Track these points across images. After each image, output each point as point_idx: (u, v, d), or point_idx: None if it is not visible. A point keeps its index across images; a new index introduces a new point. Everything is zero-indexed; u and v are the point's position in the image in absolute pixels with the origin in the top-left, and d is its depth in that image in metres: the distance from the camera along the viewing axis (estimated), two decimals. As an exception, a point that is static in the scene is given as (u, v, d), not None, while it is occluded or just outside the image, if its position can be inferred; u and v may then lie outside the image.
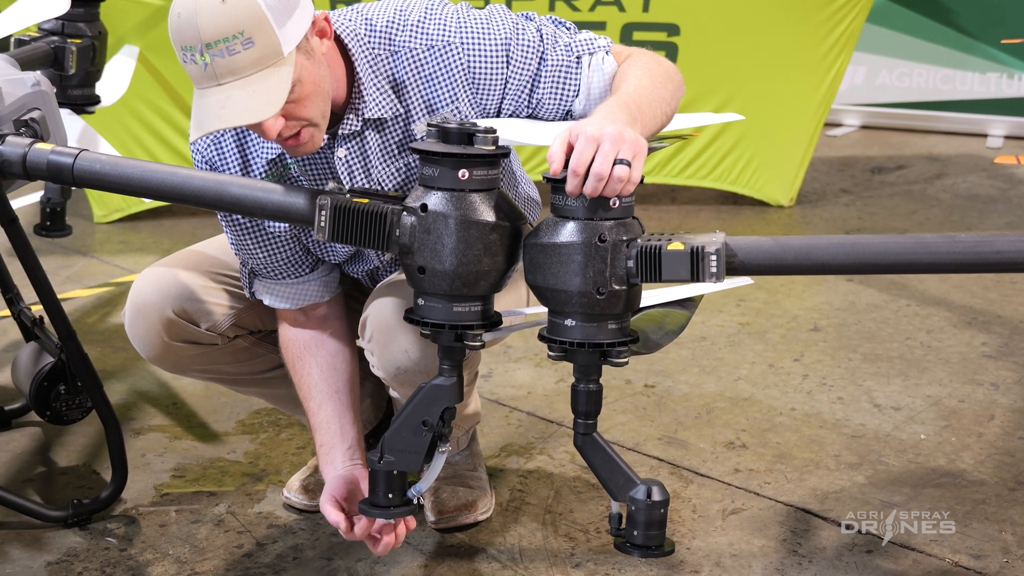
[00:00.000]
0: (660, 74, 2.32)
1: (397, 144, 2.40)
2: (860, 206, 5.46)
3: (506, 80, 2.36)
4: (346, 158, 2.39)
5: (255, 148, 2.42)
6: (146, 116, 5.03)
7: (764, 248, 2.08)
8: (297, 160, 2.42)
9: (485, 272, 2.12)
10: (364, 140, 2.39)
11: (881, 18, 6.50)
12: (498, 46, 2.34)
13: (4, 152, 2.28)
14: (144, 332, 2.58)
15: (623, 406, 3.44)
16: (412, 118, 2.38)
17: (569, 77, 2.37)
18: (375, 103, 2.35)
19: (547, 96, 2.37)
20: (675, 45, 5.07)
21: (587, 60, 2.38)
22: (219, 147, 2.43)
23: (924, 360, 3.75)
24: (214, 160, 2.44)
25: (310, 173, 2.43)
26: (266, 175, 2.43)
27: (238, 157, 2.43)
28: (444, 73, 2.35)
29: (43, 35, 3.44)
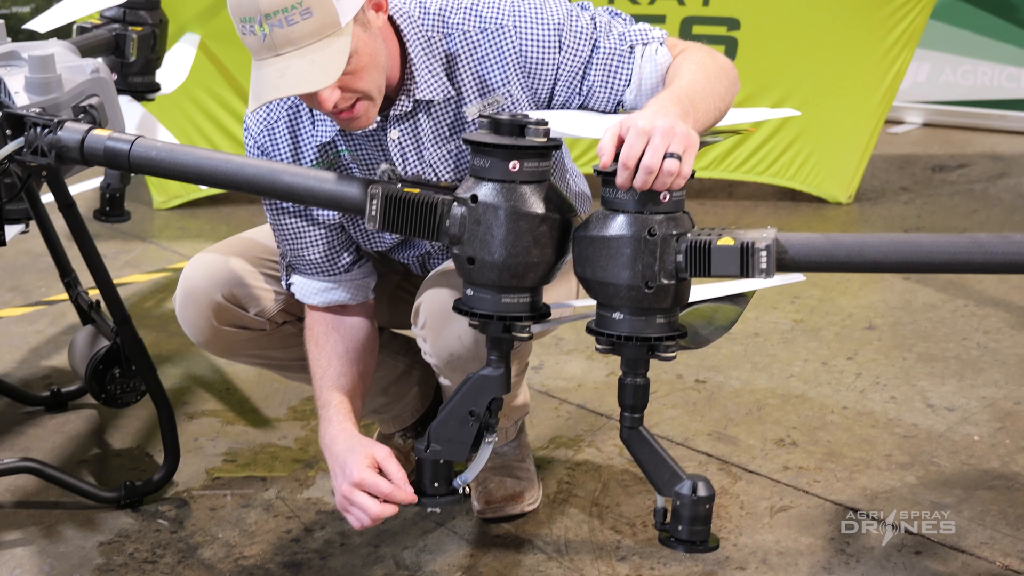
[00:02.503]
0: (715, 69, 2.32)
1: (448, 126, 2.41)
2: (920, 205, 5.41)
3: (558, 66, 2.36)
4: (399, 140, 2.40)
5: (307, 134, 2.43)
6: (206, 104, 5.07)
7: (815, 245, 2.07)
8: (349, 146, 2.43)
9: (534, 264, 2.13)
10: (416, 122, 2.40)
11: (946, 15, 6.43)
12: (551, 31, 2.34)
13: (62, 137, 2.31)
14: (194, 316, 2.60)
15: (673, 401, 3.43)
16: (464, 101, 2.39)
17: (621, 66, 2.37)
18: (427, 84, 2.35)
19: (598, 84, 2.37)
20: (735, 40, 5.04)
21: (640, 50, 2.37)
22: (271, 133, 2.45)
23: (980, 361, 3.71)
24: (266, 145, 2.46)
25: (362, 157, 2.44)
26: (317, 160, 2.44)
27: (289, 142, 2.44)
28: (496, 56, 2.36)
29: (105, 23, 3.48)
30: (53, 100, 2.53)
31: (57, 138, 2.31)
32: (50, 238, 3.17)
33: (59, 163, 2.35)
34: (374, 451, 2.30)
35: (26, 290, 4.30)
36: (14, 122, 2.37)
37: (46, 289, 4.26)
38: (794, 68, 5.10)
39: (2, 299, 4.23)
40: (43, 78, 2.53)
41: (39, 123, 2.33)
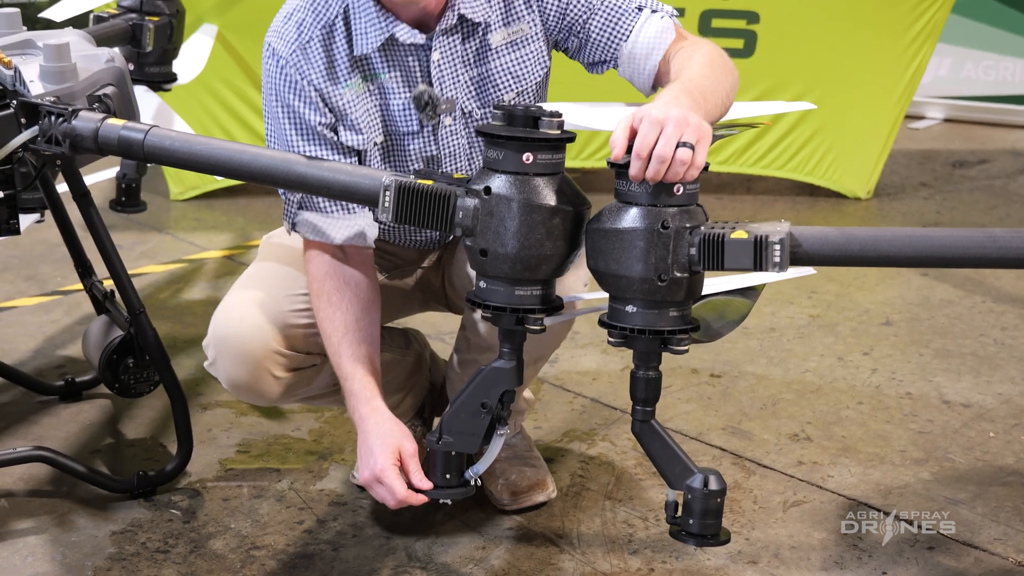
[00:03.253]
0: (722, 65, 2.34)
1: (475, 52, 2.45)
2: (939, 200, 5.39)
3: (568, 2, 2.44)
4: (439, 61, 2.42)
5: (342, 50, 2.41)
6: (223, 94, 5.07)
7: (829, 239, 2.05)
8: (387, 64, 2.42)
9: (547, 256, 2.12)
10: (454, 45, 2.43)
11: (967, 10, 6.40)
12: None
13: (77, 127, 2.31)
14: (247, 373, 2.50)
15: (688, 395, 3.42)
16: (490, 29, 2.44)
17: (624, 19, 2.43)
18: (470, 3, 2.40)
19: (597, 29, 2.44)
20: (754, 33, 5.02)
21: (647, 13, 2.43)
22: (305, 52, 2.41)
23: (997, 357, 3.69)
24: (299, 63, 2.40)
25: (399, 76, 2.44)
26: (350, 79, 2.41)
27: (324, 60, 2.40)
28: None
29: (122, 12, 3.49)
30: (68, 89, 2.53)
31: (71, 127, 2.31)
32: (66, 228, 3.18)
33: (73, 152, 2.34)
34: (402, 446, 2.30)
35: (42, 280, 4.31)
36: (29, 111, 2.37)
37: (62, 279, 4.27)
38: (813, 62, 5.08)
39: (18, 288, 4.24)
40: (58, 67, 2.53)
41: (54, 112, 2.33)
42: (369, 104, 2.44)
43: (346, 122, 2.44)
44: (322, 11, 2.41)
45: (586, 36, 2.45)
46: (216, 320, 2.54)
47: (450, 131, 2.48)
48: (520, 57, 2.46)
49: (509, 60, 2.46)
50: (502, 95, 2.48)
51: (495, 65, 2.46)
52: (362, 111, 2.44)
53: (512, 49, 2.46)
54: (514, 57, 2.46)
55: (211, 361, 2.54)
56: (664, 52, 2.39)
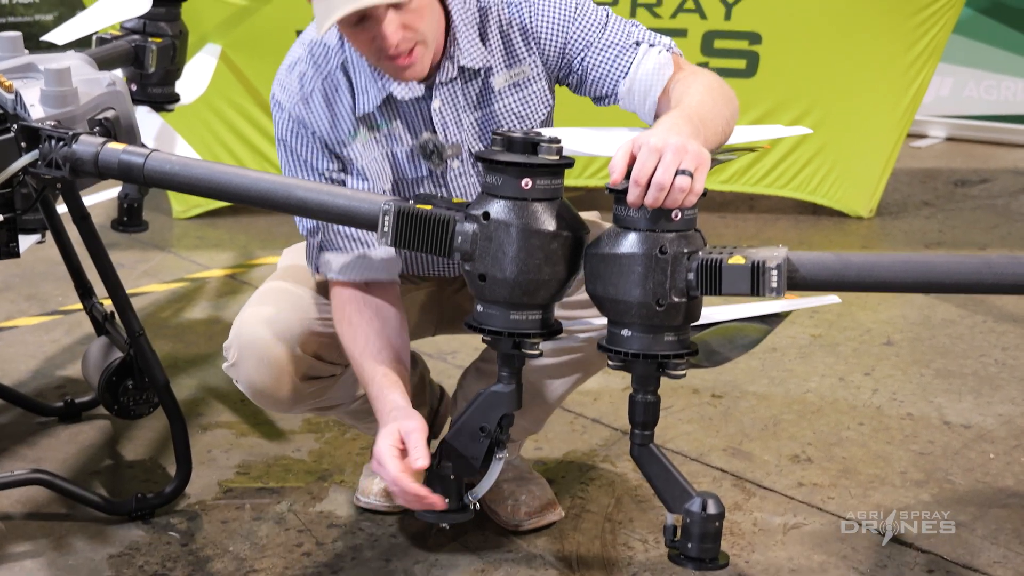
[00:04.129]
0: (721, 93, 2.34)
1: (477, 96, 2.45)
2: (941, 219, 5.39)
3: (565, 43, 2.43)
4: (440, 109, 2.43)
5: (344, 105, 2.43)
6: (227, 114, 5.09)
7: (826, 264, 2.06)
8: (388, 119, 2.43)
9: (545, 281, 2.13)
10: (454, 90, 2.43)
11: (969, 30, 6.40)
12: (566, 12, 2.43)
13: (77, 151, 2.31)
14: (269, 376, 2.50)
15: (689, 415, 3.42)
16: (492, 72, 2.45)
17: (622, 56, 2.42)
18: (469, 52, 2.41)
19: (594, 66, 2.43)
20: (756, 54, 5.03)
21: (644, 48, 2.42)
22: (307, 104, 2.43)
23: (998, 378, 3.69)
24: (303, 116, 2.43)
25: (402, 127, 2.45)
26: (354, 131, 2.43)
27: (327, 113, 2.43)
28: (519, 29, 2.44)
29: (124, 33, 3.49)
30: (69, 113, 2.54)
31: (72, 151, 2.32)
32: (66, 249, 3.19)
33: (73, 176, 2.35)
34: (401, 424, 2.25)
35: (43, 299, 4.32)
36: (29, 135, 2.38)
37: (63, 298, 4.27)
38: (816, 82, 5.08)
39: (19, 308, 4.25)
40: (59, 91, 2.54)
41: (54, 136, 2.34)
42: (376, 152, 2.45)
43: (353, 170, 2.46)
44: (322, 64, 2.43)
45: (584, 73, 2.45)
46: (241, 323, 2.53)
47: (458, 173, 2.50)
48: (523, 98, 2.47)
49: (512, 101, 2.47)
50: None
51: (499, 107, 2.47)
52: (369, 159, 2.45)
53: (515, 91, 2.46)
54: (517, 98, 2.47)
55: (232, 363, 2.53)
56: (663, 87, 2.39)
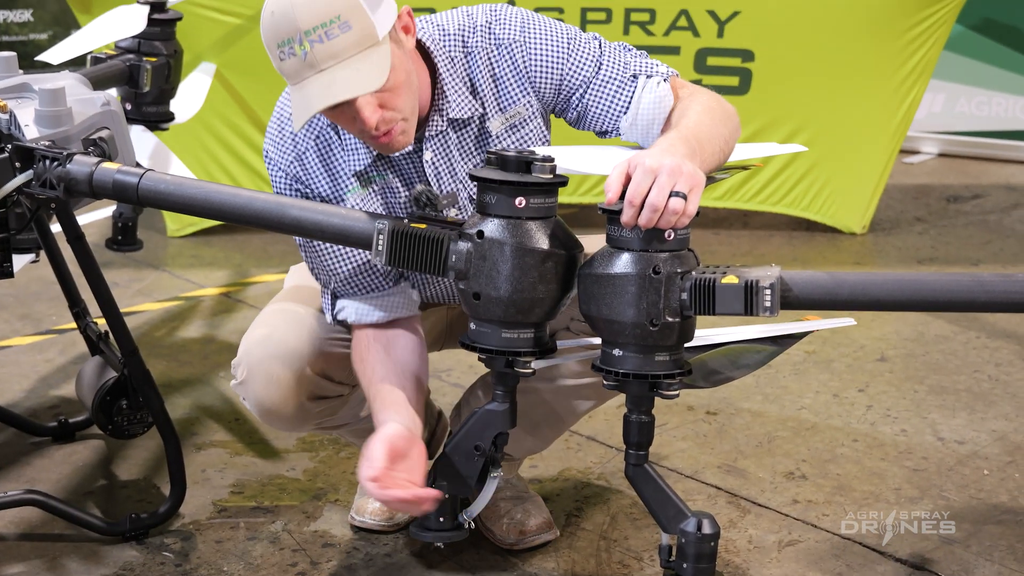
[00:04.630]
0: (720, 112, 2.33)
1: (474, 142, 2.44)
2: (934, 235, 5.40)
3: (560, 80, 2.41)
4: (432, 160, 2.42)
5: (340, 161, 2.43)
6: (222, 133, 5.09)
7: (819, 283, 2.07)
8: (383, 172, 2.43)
9: (539, 300, 2.13)
10: (447, 141, 2.42)
11: (960, 46, 6.43)
12: (556, 47, 2.40)
13: (71, 171, 2.32)
14: (278, 396, 2.49)
15: (684, 433, 3.42)
16: (487, 117, 2.43)
17: (621, 91, 2.40)
18: (457, 104, 2.39)
19: (594, 104, 2.41)
20: (749, 71, 5.05)
21: (642, 80, 2.40)
22: (303, 163, 2.43)
23: (991, 394, 3.69)
24: (299, 175, 2.44)
25: (397, 180, 2.44)
26: (350, 186, 2.43)
27: (323, 171, 2.43)
28: (511, 71, 2.41)
29: (119, 53, 3.50)
30: (63, 133, 2.54)
31: (66, 171, 2.32)
32: (60, 269, 3.19)
33: (68, 196, 2.35)
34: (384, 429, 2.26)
35: (37, 318, 4.32)
36: (24, 155, 2.38)
37: (57, 317, 4.27)
38: (809, 99, 5.10)
39: (13, 327, 4.25)
40: (53, 111, 2.55)
41: (48, 156, 2.34)
42: (374, 204, 2.45)
43: None
44: (312, 122, 2.42)
45: (584, 110, 2.42)
46: (250, 341, 2.52)
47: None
48: (521, 138, 2.46)
49: (510, 143, 2.45)
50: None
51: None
52: (368, 209, 2.44)
53: (512, 132, 2.45)
54: (515, 139, 2.45)
55: (240, 381, 2.51)
56: (665, 118, 2.38)
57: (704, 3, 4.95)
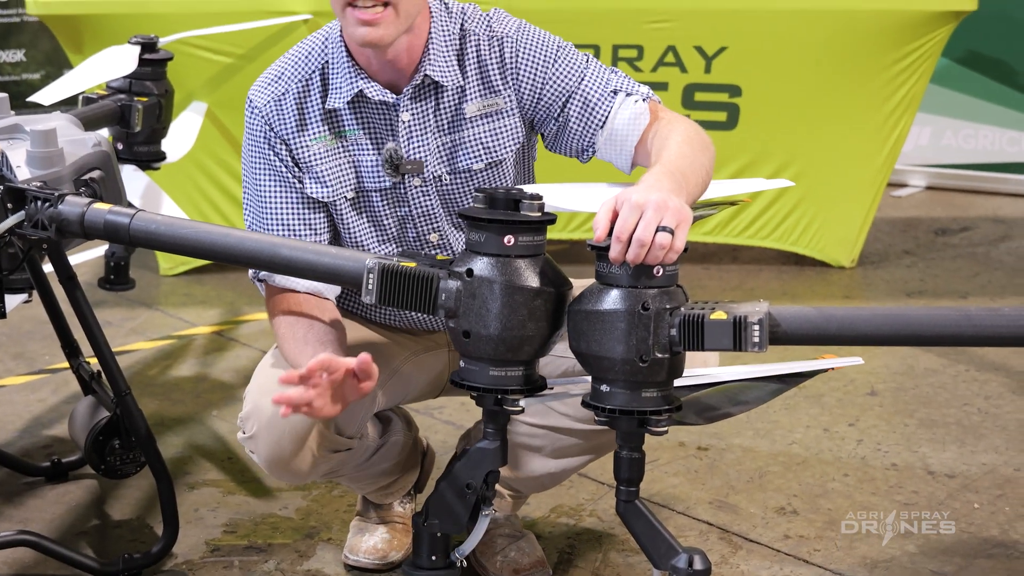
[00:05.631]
0: (699, 142, 2.37)
1: (449, 119, 2.51)
2: (922, 268, 5.43)
3: (543, 85, 2.49)
4: (409, 122, 2.48)
5: (315, 105, 2.49)
6: (214, 172, 5.11)
7: (808, 318, 2.08)
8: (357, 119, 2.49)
9: (529, 337, 2.14)
10: (426, 108, 2.49)
11: (946, 80, 6.48)
12: (545, 54, 2.50)
13: (63, 211, 2.33)
14: (291, 451, 2.46)
15: (675, 468, 3.43)
16: (466, 98, 2.50)
17: (600, 105, 2.48)
18: (439, 66, 2.47)
19: (575, 116, 2.49)
20: (736, 106, 5.08)
21: (621, 97, 2.48)
22: (279, 106, 2.50)
23: (981, 427, 3.71)
24: (271, 117, 2.50)
25: (368, 134, 2.50)
26: (321, 133, 2.49)
27: (296, 114, 2.49)
28: (497, 63, 2.50)
29: (110, 93, 3.52)
30: (55, 174, 2.56)
31: (58, 212, 2.34)
32: (53, 309, 3.19)
33: (60, 237, 2.37)
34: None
35: (30, 358, 4.32)
36: (15, 196, 2.39)
37: (50, 357, 4.27)
38: (796, 134, 5.13)
39: (5, 367, 4.25)
40: (45, 152, 2.57)
41: (40, 197, 2.36)
42: (341, 159, 2.51)
43: (312, 174, 2.50)
44: (302, 65, 2.51)
45: (564, 122, 2.50)
46: (257, 394, 2.49)
47: (420, 192, 2.53)
48: (493, 129, 2.52)
49: (482, 130, 2.51)
50: (472, 164, 2.53)
51: (468, 134, 2.51)
52: (332, 165, 2.50)
53: (486, 120, 2.51)
54: (487, 128, 2.51)
55: (250, 435, 2.48)
56: (639, 136, 2.45)
57: (691, 39, 4.98)
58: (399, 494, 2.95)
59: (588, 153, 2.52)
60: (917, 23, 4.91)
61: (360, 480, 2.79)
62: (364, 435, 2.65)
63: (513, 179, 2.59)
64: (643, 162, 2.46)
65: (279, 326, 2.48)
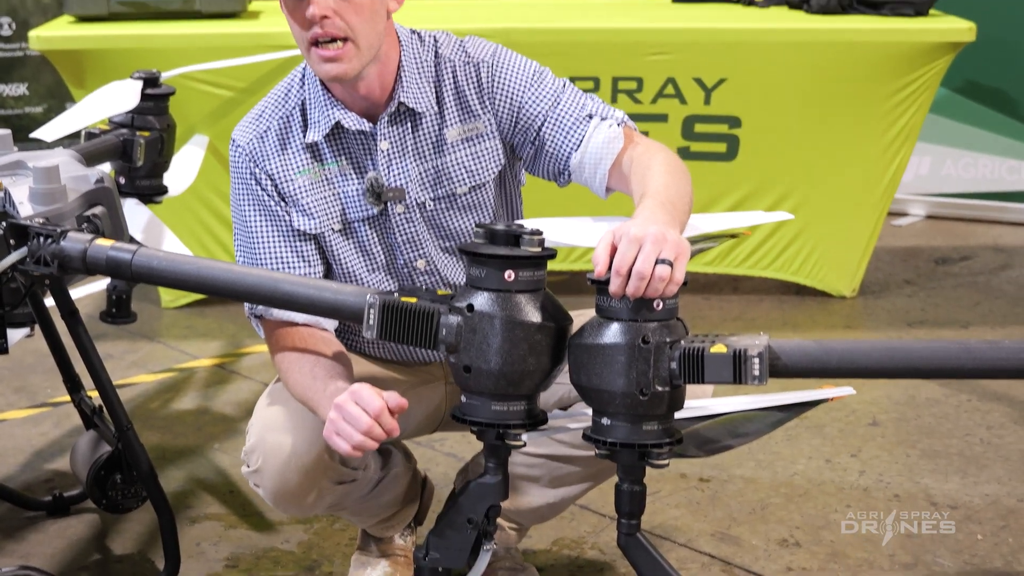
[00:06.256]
0: (680, 170, 2.41)
1: (431, 145, 2.54)
2: (923, 297, 5.43)
3: (519, 108, 2.53)
4: (387, 151, 2.51)
5: (296, 140, 2.53)
6: (216, 205, 5.11)
7: (807, 352, 2.08)
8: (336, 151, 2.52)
9: (530, 372, 2.15)
10: (404, 135, 2.52)
11: (946, 109, 6.49)
12: (523, 76, 2.54)
13: (65, 247, 2.34)
14: (297, 482, 2.47)
15: (677, 500, 3.42)
16: (446, 123, 2.53)
17: (574, 129, 2.51)
18: (414, 94, 2.50)
19: (549, 138, 2.52)
20: (736, 137, 5.09)
21: (596, 121, 2.50)
22: (262, 141, 2.55)
23: (983, 457, 3.71)
24: (255, 152, 2.54)
25: (348, 164, 2.53)
26: (303, 167, 2.52)
27: (278, 149, 2.54)
28: (475, 87, 2.53)
29: (113, 128, 3.53)
30: (57, 210, 2.57)
31: (60, 248, 2.35)
32: (55, 343, 3.20)
33: (62, 273, 2.38)
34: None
35: (31, 391, 4.32)
36: (18, 232, 2.41)
37: (52, 390, 4.28)
38: (796, 164, 5.14)
39: (7, 400, 4.25)
40: (47, 188, 2.58)
41: (42, 233, 2.37)
42: (326, 191, 2.54)
43: (298, 207, 2.53)
44: (282, 103, 2.56)
45: (540, 144, 2.53)
46: (261, 428, 2.50)
47: (404, 219, 2.55)
48: (475, 152, 2.55)
49: (464, 155, 2.54)
50: (455, 188, 2.56)
51: (450, 159, 2.54)
52: (317, 197, 2.53)
53: (467, 145, 2.54)
54: (469, 152, 2.54)
55: (255, 469, 2.49)
56: (613, 160, 2.48)
57: (691, 71, 5.00)
58: (400, 527, 2.95)
59: (564, 176, 2.55)
60: (916, 54, 4.93)
61: (362, 513, 2.79)
62: (367, 466, 2.65)
63: (494, 201, 2.62)
64: (618, 186, 2.49)
65: (284, 361, 2.48)
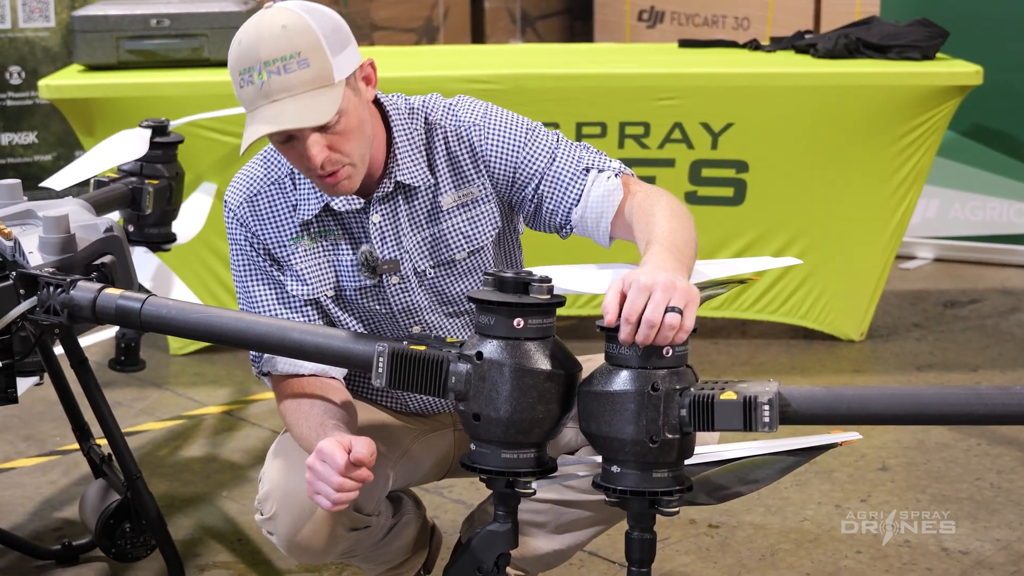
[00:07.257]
0: (683, 214, 2.41)
1: (426, 215, 2.53)
2: (932, 341, 5.42)
3: (515, 168, 2.52)
4: (379, 224, 2.50)
5: (287, 209, 2.53)
6: (224, 251, 5.11)
7: (817, 398, 2.08)
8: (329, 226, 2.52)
9: (539, 420, 2.14)
10: (397, 208, 2.51)
11: (953, 152, 6.50)
12: (516, 137, 2.52)
13: (75, 297, 2.35)
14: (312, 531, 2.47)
15: (686, 547, 3.41)
16: (440, 191, 2.52)
17: (573, 184, 2.50)
18: (408, 169, 2.49)
19: (548, 195, 2.51)
20: (744, 182, 5.10)
21: (593, 174, 2.50)
22: (253, 206, 2.55)
23: (994, 502, 3.69)
24: (246, 219, 2.55)
25: (341, 235, 2.53)
26: (296, 236, 2.52)
27: (270, 216, 2.54)
28: (467, 152, 2.52)
29: (122, 176, 3.55)
30: (66, 259, 2.57)
31: (69, 297, 2.35)
32: (63, 390, 3.20)
33: (71, 322, 2.38)
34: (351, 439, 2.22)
35: (40, 439, 4.32)
36: (28, 281, 2.41)
37: (60, 438, 4.27)
38: (803, 208, 5.15)
39: (16, 448, 4.25)
40: (57, 238, 2.58)
41: (52, 283, 2.38)
42: (320, 259, 2.54)
43: (292, 272, 2.53)
44: (272, 168, 2.55)
45: (539, 202, 2.53)
46: (277, 475, 2.49)
47: (400, 289, 2.55)
48: (471, 217, 2.55)
49: (460, 221, 2.54)
50: (454, 254, 2.56)
51: (447, 226, 2.54)
52: (311, 265, 2.53)
53: (463, 210, 2.54)
54: (465, 218, 2.55)
55: (269, 517, 2.48)
56: (615, 211, 2.47)
57: (698, 116, 5.01)
58: (409, 574, 2.94)
59: (566, 230, 2.55)
60: (924, 98, 4.94)
61: (374, 560, 2.78)
62: (380, 512, 2.65)
63: (493, 261, 2.62)
64: (621, 235, 2.50)
65: (287, 411, 2.49)
